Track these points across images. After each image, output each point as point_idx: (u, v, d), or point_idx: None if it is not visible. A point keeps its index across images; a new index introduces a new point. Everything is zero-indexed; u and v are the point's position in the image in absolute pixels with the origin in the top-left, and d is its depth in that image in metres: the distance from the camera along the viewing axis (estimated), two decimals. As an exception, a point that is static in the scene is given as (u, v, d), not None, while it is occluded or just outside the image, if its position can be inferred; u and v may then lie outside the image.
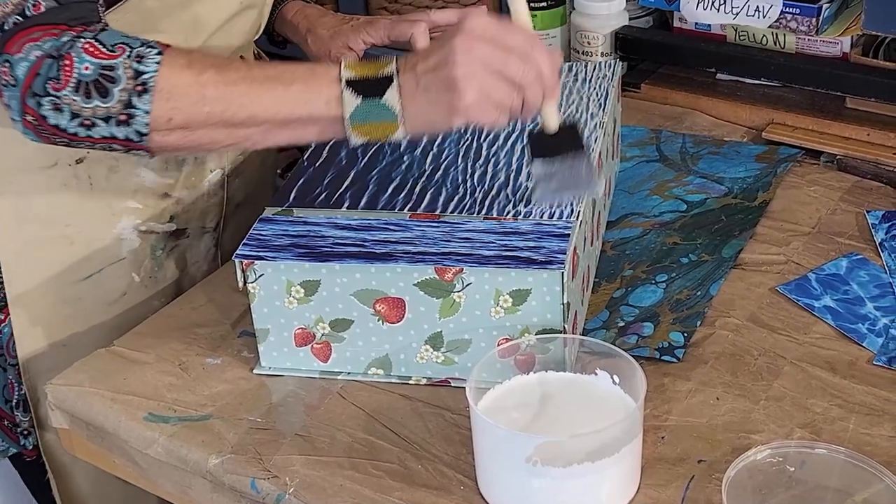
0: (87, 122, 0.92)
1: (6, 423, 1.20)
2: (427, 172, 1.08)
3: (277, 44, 1.36)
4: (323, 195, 1.05)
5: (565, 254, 0.92)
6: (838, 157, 1.32)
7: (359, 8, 1.76)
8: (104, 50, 0.91)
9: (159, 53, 0.92)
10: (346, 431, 0.96)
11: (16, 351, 1.14)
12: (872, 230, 1.18)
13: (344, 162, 1.11)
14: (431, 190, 1.05)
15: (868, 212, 1.21)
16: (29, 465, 1.23)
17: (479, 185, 1.06)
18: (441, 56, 0.91)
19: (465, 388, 0.87)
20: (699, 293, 1.10)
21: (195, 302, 1.13)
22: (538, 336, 0.95)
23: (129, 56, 0.92)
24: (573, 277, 0.97)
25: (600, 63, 1.28)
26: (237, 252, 0.97)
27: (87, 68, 0.91)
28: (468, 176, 1.07)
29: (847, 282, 1.10)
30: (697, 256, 1.16)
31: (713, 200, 1.26)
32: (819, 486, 0.87)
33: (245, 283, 0.98)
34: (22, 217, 1.11)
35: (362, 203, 1.03)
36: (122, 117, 0.92)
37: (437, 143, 1.14)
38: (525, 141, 1.01)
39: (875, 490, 0.84)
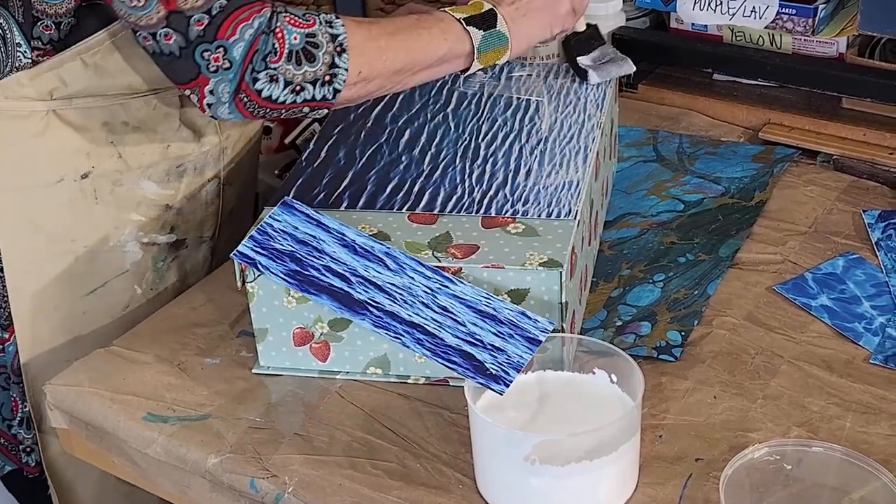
0: (297, 88, 0.99)
1: (2, 441, 1.20)
2: (425, 172, 1.08)
3: None
4: (321, 195, 1.06)
5: (519, 371, 0.90)
6: (835, 156, 1.32)
7: (356, 9, 1.77)
8: (301, 20, 0.99)
9: (338, 17, 1.02)
10: (344, 431, 0.96)
11: (20, 369, 1.14)
12: (869, 230, 1.18)
13: (342, 162, 1.11)
14: (430, 190, 1.06)
15: (864, 211, 1.21)
16: (28, 482, 1.22)
17: (477, 185, 1.06)
18: None
19: (463, 387, 0.88)
20: (696, 292, 1.10)
21: (194, 302, 1.13)
22: (536, 335, 0.95)
23: (321, 23, 1.00)
24: (571, 277, 0.97)
25: (597, 64, 1.29)
26: (235, 251, 0.97)
27: (295, 38, 0.98)
28: (466, 176, 1.08)
29: (844, 281, 1.11)
30: (695, 256, 1.16)
31: (710, 200, 1.26)
32: (816, 484, 0.87)
33: (244, 282, 0.99)
34: (29, 234, 1.11)
35: (361, 203, 1.04)
36: (327, 77, 1.00)
37: (435, 142, 1.14)
38: (563, 46, 1.28)
39: (872, 488, 0.84)
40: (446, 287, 0.95)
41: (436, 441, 0.95)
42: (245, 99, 0.98)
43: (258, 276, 0.98)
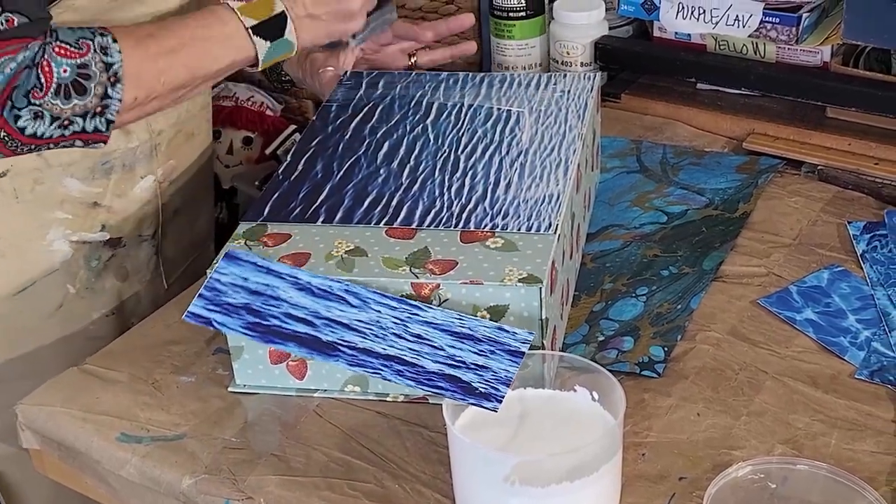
0: (65, 122, 0.96)
1: None
2: (404, 186, 1.07)
3: (280, 89, 1.38)
4: (298, 209, 1.04)
5: (508, 385, 0.88)
6: (819, 167, 1.31)
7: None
8: (73, 49, 0.95)
9: (115, 41, 0.98)
10: (322, 451, 0.94)
11: None
12: (854, 241, 1.17)
13: (319, 175, 1.09)
14: (408, 203, 1.04)
15: (849, 223, 1.20)
16: None
17: (456, 199, 1.04)
18: None
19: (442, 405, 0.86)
20: (679, 306, 1.09)
21: (169, 319, 1.11)
22: (517, 352, 0.93)
23: (95, 50, 0.96)
24: (552, 293, 0.96)
25: (579, 74, 1.27)
26: (187, 311, 0.94)
27: (65, 71, 0.94)
28: (445, 189, 1.06)
29: (829, 294, 1.10)
30: (678, 269, 1.15)
31: (694, 212, 1.25)
32: (802, 502, 0.86)
33: (218, 300, 0.97)
34: None
35: (337, 217, 1.02)
36: (99, 109, 0.97)
37: (414, 155, 1.12)
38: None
39: (857, 506, 0.83)
40: (416, 315, 0.93)
41: (415, 461, 0.93)
42: (5, 138, 0.94)
43: (233, 292, 0.96)
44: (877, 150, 1.32)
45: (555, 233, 0.98)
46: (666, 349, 1.03)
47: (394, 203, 1.04)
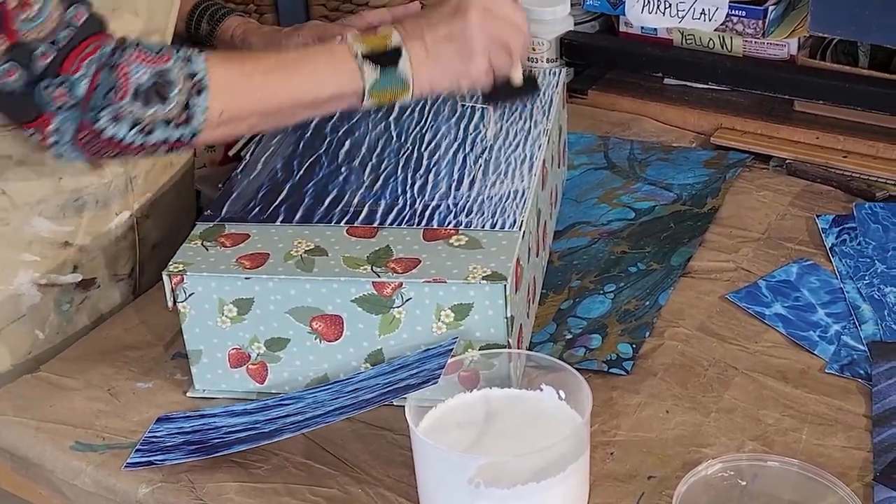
0: (146, 129, 0.91)
1: None
2: (365, 184, 1.05)
3: None
4: (257, 209, 1.02)
5: (442, 368, 0.87)
6: (788, 161, 1.30)
7: (299, 16, 1.73)
8: (153, 55, 0.91)
9: (201, 52, 0.94)
10: (283, 456, 0.92)
11: None
12: (823, 235, 1.16)
13: (279, 174, 1.07)
14: (370, 202, 1.02)
15: (818, 216, 1.19)
16: None
17: (419, 197, 1.02)
18: (454, 27, 0.99)
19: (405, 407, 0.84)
20: (648, 303, 1.07)
21: (127, 323, 1.09)
22: (482, 351, 0.91)
23: (177, 59, 0.92)
24: (517, 290, 0.94)
25: (545, 70, 1.26)
26: (126, 462, 0.92)
27: (143, 76, 0.90)
28: (408, 187, 1.04)
29: (798, 288, 1.08)
30: (646, 265, 1.13)
31: (662, 208, 1.23)
32: (772, 499, 0.84)
33: (175, 301, 0.95)
34: None
35: (297, 217, 1.00)
36: (182, 119, 0.92)
37: (376, 153, 1.10)
38: (485, 93, 1.06)
39: (829, 502, 0.82)
40: (350, 380, 0.93)
41: (378, 465, 0.91)
42: (87, 138, 0.90)
43: (190, 294, 0.94)
44: (845, 143, 1.31)
45: (520, 230, 0.97)
46: (634, 346, 1.02)
47: (355, 202, 1.02)
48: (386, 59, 0.98)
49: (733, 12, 1.39)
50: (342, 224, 0.99)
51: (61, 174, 1.07)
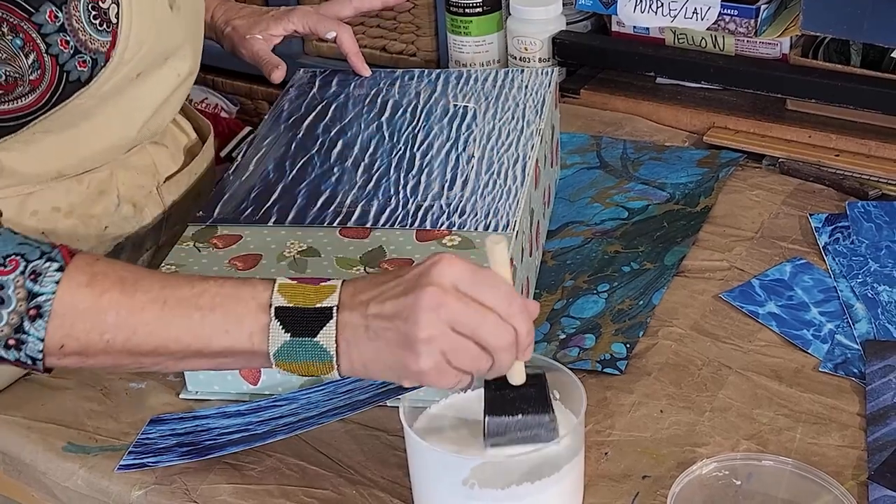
0: None
1: None
2: (358, 184, 1.05)
3: None
4: (249, 210, 1.02)
5: None
6: (780, 159, 1.30)
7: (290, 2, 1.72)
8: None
9: (59, 269, 0.79)
10: (276, 457, 0.92)
11: None
12: (816, 234, 1.16)
13: (271, 175, 1.07)
14: (362, 203, 1.02)
15: (811, 215, 1.19)
16: None
17: (411, 197, 1.02)
18: (402, 305, 0.76)
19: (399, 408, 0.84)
20: (641, 302, 1.07)
21: (119, 324, 1.08)
22: (475, 352, 0.91)
23: (23, 272, 0.79)
24: (510, 290, 0.93)
25: (536, 70, 1.25)
26: (118, 465, 0.91)
27: None
28: (401, 187, 1.04)
29: (791, 287, 1.08)
30: (639, 265, 1.13)
31: (655, 207, 1.23)
32: (767, 498, 0.84)
33: (168, 304, 0.94)
34: None
35: (290, 218, 1.00)
36: (12, 342, 0.79)
37: (368, 153, 1.10)
38: (483, 387, 0.83)
39: (823, 501, 0.82)
40: (341, 384, 0.92)
41: (373, 466, 0.91)
42: None
43: (183, 296, 0.93)
44: (837, 141, 1.31)
45: (513, 230, 0.96)
46: (628, 346, 1.02)
47: (348, 202, 1.02)
48: (306, 322, 0.78)
49: (725, 11, 1.39)
50: (335, 225, 0.99)
51: (107, 223, 1.06)
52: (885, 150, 1.28)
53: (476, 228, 0.97)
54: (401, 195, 1.03)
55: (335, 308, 0.78)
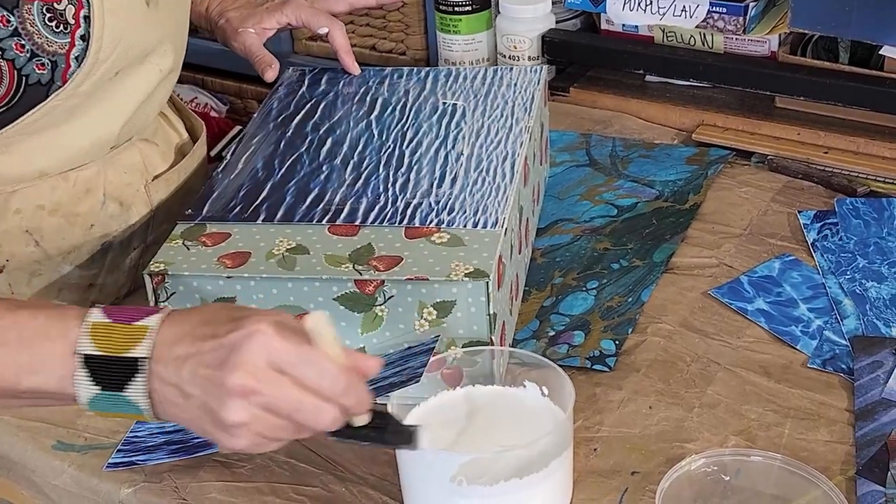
0: None
1: None
2: (347, 182, 1.04)
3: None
4: (238, 208, 1.01)
5: (426, 366, 0.85)
6: (769, 157, 1.30)
7: (286, 42, 1.72)
8: None
9: None
10: (266, 455, 0.92)
11: None
12: (804, 230, 1.16)
13: (260, 173, 1.07)
14: (351, 200, 1.02)
15: (800, 212, 1.19)
16: None
17: (400, 195, 1.02)
18: (213, 382, 0.71)
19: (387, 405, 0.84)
20: (630, 299, 1.07)
21: (109, 323, 1.08)
22: (464, 349, 0.91)
23: None
24: (499, 287, 0.94)
25: (525, 67, 1.26)
26: (106, 463, 0.91)
27: None
28: (390, 185, 1.04)
29: (780, 284, 1.08)
30: (628, 262, 1.13)
31: (644, 204, 1.23)
32: (756, 494, 0.84)
33: (156, 301, 0.94)
34: None
35: (278, 216, 0.99)
36: None
37: (357, 151, 1.10)
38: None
39: (812, 496, 0.82)
40: None
41: (362, 463, 0.91)
42: None
43: (171, 294, 0.93)
44: (826, 138, 1.31)
45: (502, 227, 0.97)
46: (617, 342, 1.02)
47: (336, 200, 1.02)
48: (114, 374, 0.73)
49: (714, 9, 1.39)
50: (324, 222, 0.98)
51: (92, 221, 1.06)
52: (873, 147, 1.29)
53: (465, 226, 0.97)
54: (390, 193, 1.03)
55: (147, 359, 0.73)
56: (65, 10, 0.93)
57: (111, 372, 0.73)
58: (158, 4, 1.03)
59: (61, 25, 0.93)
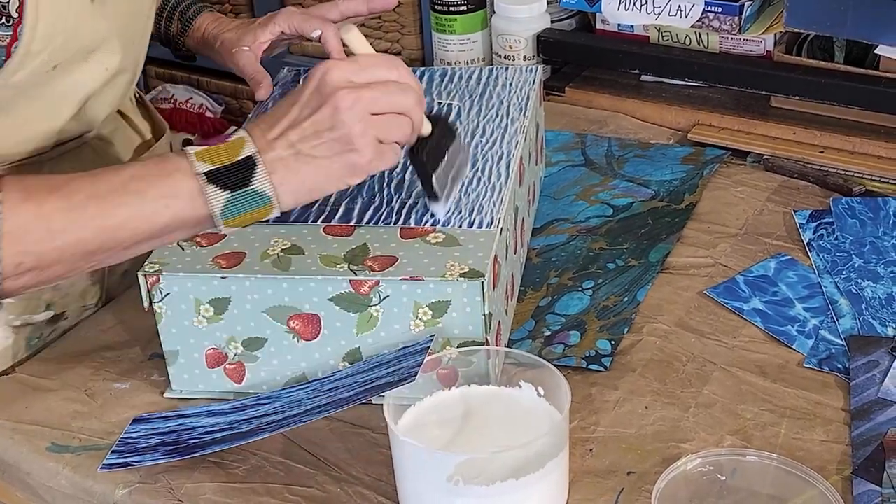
0: None
1: None
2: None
3: (184, 58, 1.32)
4: (233, 209, 1.01)
5: (420, 366, 0.86)
6: (765, 156, 1.30)
7: (274, 8, 1.72)
8: None
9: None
10: (261, 455, 0.91)
11: None
12: (800, 230, 1.16)
13: (255, 174, 1.07)
14: (346, 200, 1.01)
15: (795, 211, 1.19)
16: None
17: (395, 194, 1.02)
18: (321, 119, 0.85)
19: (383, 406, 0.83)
20: (626, 299, 1.07)
21: (103, 324, 1.08)
22: (460, 349, 0.91)
23: None
24: (494, 287, 0.94)
25: (521, 67, 1.25)
26: (101, 464, 0.91)
27: None
28: (385, 184, 1.04)
29: (776, 283, 1.08)
30: (624, 262, 1.13)
31: (639, 204, 1.23)
32: (752, 494, 0.84)
33: (151, 302, 0.94)
34: None
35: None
36: None
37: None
38: (410, 162, 0.95)
39: (808, 496, 0.82)
40: (327, 380, 0.92)
41: (358, 463, 0.90)
42: None
43: (166, 294, 0.93)
44: (821, 138, 1.31)
45: (497, 227, 0.96)
46: (613, 342, 1.02)
47: (332, 200, 1.02)
48: (236, 176, 0.84)
49: (709, 9, 1.39)
50: (319, 223, 0.98)
51: None
52: (868, 147, 1.29)
53: (460, 226, 0.97)
54: (385, 193, 1.02)
55: (256, 153, 0.85)
56: (8, 3, 0.90)
57: (234, 175, 0.84)
58: (105, 2, 1.01)
59: (3, 17, 0.90)
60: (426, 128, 0.94)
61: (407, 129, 0.89)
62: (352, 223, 0.98)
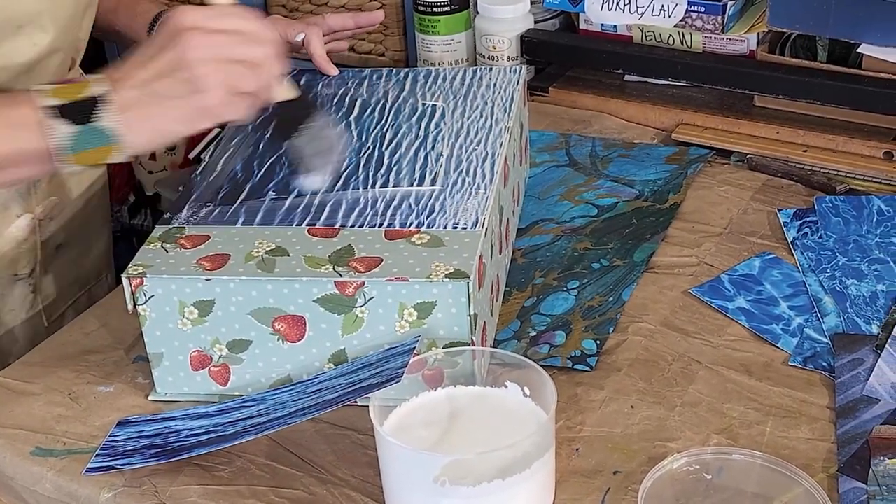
0: None
1: None
2: (326, 184, 1.04)
3: None
4: (216, 211, 1.01)
5: (405, 367, 0.86)
6: (749, 155, 1.31)
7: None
8: None
9: None
10: (247, 458, 0.91)
11: None
12: (784, 228, 1.16)
13: (239, 175, 1.06)
14: (331, 202, 1.01)
15: (779, 210, 1.20)
16: None
17: (380, 196, 1.02)
18: (169, 59, 0.86)
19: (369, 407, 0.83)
20: (611, 299, 1.07)
21: (87, 327, 1.07)
22: (445, 350, 0.91)
23: None
24: (480, 288, 0.93)
25: (505, 68, 1.25)
26: (85, 468, 0.91)
27: None
28: (369, 186, 1.03)
29: (760, 282, 1.09)
30: (609, 261, 1.13)
31: (624, 204, 1.23)
32: (738, 492, 0.84)
33: (135, 304, 0.93)
34: None
35: (258, 218, 0.99)
36: None
37: (337, 152, 1.10)
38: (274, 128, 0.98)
39: (794, 494, 0.82)
40: (312, 381, 0.92)
41: (344, 465, 0.90)
42: None
43: (150, 297, 0.93)
44: (805, 137, 1.32)
45: (482, 227, 0.96)
46: (598, 342, 1.02)
47: (316, 202, 1.01)
48: (82, 111, 0.85)
49: (692, 8, 1.39)
50: (303, 224, 0.98)
51: None
52: (852, 146, 1.29)
53: (445, 227, 0.96)
54: (369, 194, 1.02)
55: (107, 91, 0.85)
56: None
57: (82, 110, 0.84)
58: None
59: None
60: (285, 91, 0.93)
61: (259, 82, 0.89)
62: (336, 225, 0.98)
